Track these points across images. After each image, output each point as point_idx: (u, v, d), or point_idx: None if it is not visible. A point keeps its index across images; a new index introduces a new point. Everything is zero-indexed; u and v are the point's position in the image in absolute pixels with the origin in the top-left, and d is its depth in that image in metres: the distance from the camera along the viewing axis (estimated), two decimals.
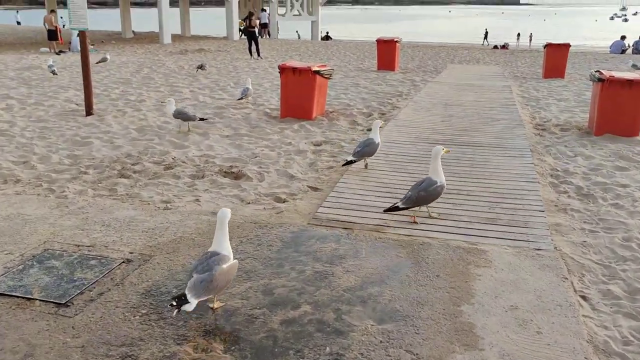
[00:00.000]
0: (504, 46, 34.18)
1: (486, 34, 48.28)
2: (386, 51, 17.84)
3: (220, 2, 34.24)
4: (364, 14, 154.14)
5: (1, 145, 8.03)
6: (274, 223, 5.27)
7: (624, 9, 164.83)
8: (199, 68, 16.50)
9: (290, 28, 46.80)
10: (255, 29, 21.96)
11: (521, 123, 9.92)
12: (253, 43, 21.58)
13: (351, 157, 6.85)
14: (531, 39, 46.91)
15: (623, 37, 28.36)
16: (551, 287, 4.15)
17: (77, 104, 11.04)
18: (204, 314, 3.71)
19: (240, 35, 32.02)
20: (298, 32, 45.60)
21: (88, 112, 10.14)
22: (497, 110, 11.17)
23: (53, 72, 14.91)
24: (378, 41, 18.20)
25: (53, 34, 22.44)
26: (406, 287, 4.12)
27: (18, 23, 51.68)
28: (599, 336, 3.61)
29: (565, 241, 5.02)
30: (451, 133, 9.10)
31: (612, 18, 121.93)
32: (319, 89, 10.16)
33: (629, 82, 8.65)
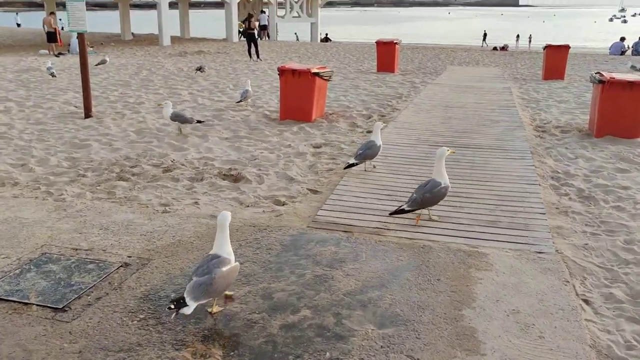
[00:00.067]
0: (504, 48, 34.14)
1: (485, 36, 48.28)
2: (386, 53, 17.82)
3: (219, 4, 34.21)
4: (364, 16, 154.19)
5: None
6: (273, 226, 5.24)
7: (623, 10, 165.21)
8: (198, 70, 16.48)
9: (289, 30, 46.82)
10: (254, 31, 21.94)
11: (521, 125, 9.89)
12: (252, 45, 21.57)
13: (353, 160, 6.81)
14: (530, 41, 46.91)
15: (622, 39, 28.34)
16: (553, 291, 4.12)
17: (76, 107, 11.01)
18: (203, 319, 3.67)
19: (239, 37, 32.00)
20: (296, 34, 45.60)
21: (87, 115, 10.11)
22: (497, 112, 11.14)
23: (52, 75, 14.87)
24: (377, 43, 18.17)
25: (52, 36, 22.42)
26: (407, 291, 4.08)
27: (18, 25, 51.63)
28: (602, 340, 3.58)
29: (566, 244, 4.99)
30: (451, 135, 9.07)
31: (611, 19, 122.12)
32: (319, 91, 10.13)
33: (630, 84, 8.62)
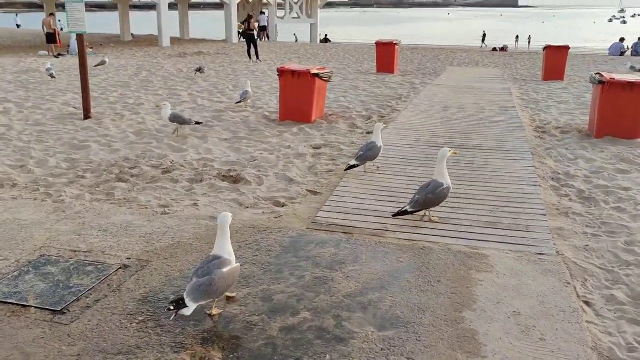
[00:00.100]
0: (503, 48, 34.12)
1: (484, 37, 48.27)
2: (385, 54, 17.81)
3: (219, 5, 34.19)
4: (363, 17, 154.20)
5: None
6: (273, 228, 5.22)
7: (623, 11, 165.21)
8: (198, 71, 16.47)
9: (289, 31, 46.81)
10: (254, 32, 21.95)
11: (521, 126, 9.88)
12: (252, 46, 21.56)
13: (354, 162, 6.78)
14: (530, 41, 46.90)
15: (622, 40, 28.33)
16: (554, 293, 4.10)
17: (76, 108, 10.99)
18: (202, 321, 3.65)
19: (239, 38, 32.00)
20: (295, 35, 45.59)
21: (86, 116, 10.09)
22: (497, 112, 11.13)
23: (51, 76, 14.85)
24: (377, 44, 18.16)
25: (52, 37, 22.40)
26: (407, 293, 4.06)
27: (18, 26, 51.59)
28: (604, 343, 3.56)
29: (567, 245, 4.97)
30: (451, 136, 9.05)
31: (611, 20, 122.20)
32: (318, 92, 10.11)
33: (630, 85, 8.61)
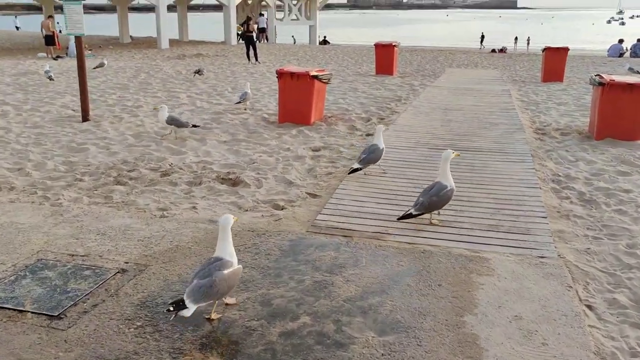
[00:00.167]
0: (502, 50, 34.15)
1: (482, 38, 48.28)
2: (384, 55, 17.78)
3: (218, 7, 34.17)
4: (362, 18, 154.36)
5: None
6: (272, 231, 5.18)
7: (621, 13, 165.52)
8: (197, 73, 16.43)
9: (288, 33, 46.80)
10: (253, 34, 21.93)
11: (521, 127, 9.85)
12: (251, 48, 21.54)
13: (357, 165, 6.71)
14: (529, 43, 46.91)
15: (621, 41, 28.31)
16: (556, 296, 4.06)
17: (74, 110, 10.95)
18: (201, 327, 3.61)
19: (238, 40, 31.98)
20: (293, 37, 45.56)
21: (84, 118, 10.06)
22: (497, 114, 11.10)
23: (50, 78, 14.81)
24: (376, 45, 18.14)
25: (50, 39, 22.35)
26: (407, 297, 4.02)
27: (17, 28, 51.56)
28: (606, 347, 3.52)
29: (568, 248, 4.94)
30: (451, 138, 9.02)
31: (609, 21, 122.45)
32: (317, 94, 10.08)
33: (630, 86, 8.59)
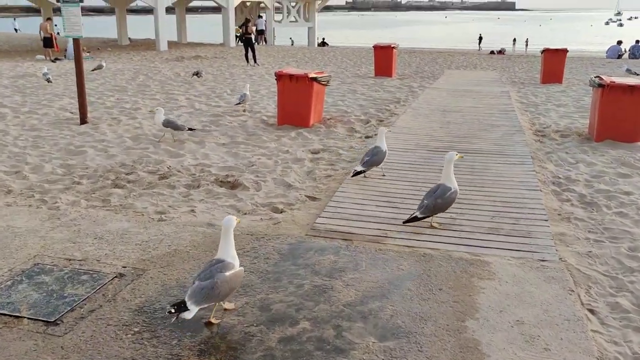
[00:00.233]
0: (501, 51, 34.15)
1: (480, 39, 48.32)
2: (383, 57, 17.76)
3: (216, 9, 34.17)
4: (361, 20, 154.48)
5: None
6: (271, 234, 5.14)
7: (619, 14, 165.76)
8: (195, 75, 16.40)
9: (286, 35, 46.81)
10: (251, 36, 21.91)
11: (521, 129, 9.82)
12: (250, 50, 21.52)
13: (360, 167, 6.68)
14: (527, 44, 46.95)
15: (619, 42, 28.32)
16: (557, 301, 4.02)
17: (72, 112, 10.90)
18: (199, 332, 3.57)
19: (236, 42, 31.96)
20: (291, 39, 45.57)
21: (82, 121, 10.01)
22: (496, 116, 11.07)
23: (48, 80, 14.77)
24: (375, 47, 18.13)
25: (48, 42, 22.32)
26: (408, 302, 3.98)
27: (16, 30, 51.55)
28: (609, 352, 3.48)
29: (570, 252, 4.90)
30: (450, 140, 8.98)
31: (607, 23, 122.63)
32: (316, 96, 10.04)
33: (630, 88, 8.56)
